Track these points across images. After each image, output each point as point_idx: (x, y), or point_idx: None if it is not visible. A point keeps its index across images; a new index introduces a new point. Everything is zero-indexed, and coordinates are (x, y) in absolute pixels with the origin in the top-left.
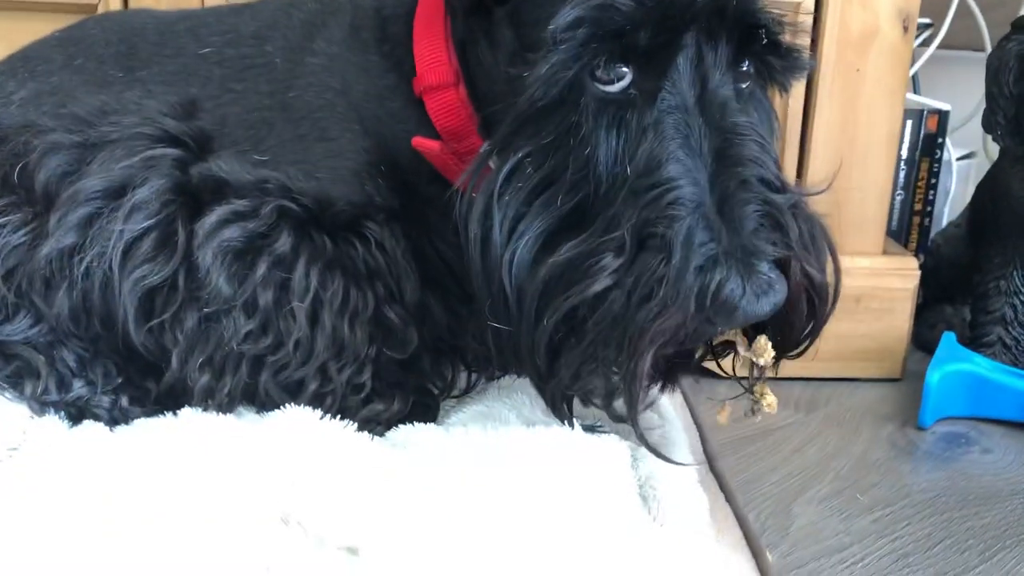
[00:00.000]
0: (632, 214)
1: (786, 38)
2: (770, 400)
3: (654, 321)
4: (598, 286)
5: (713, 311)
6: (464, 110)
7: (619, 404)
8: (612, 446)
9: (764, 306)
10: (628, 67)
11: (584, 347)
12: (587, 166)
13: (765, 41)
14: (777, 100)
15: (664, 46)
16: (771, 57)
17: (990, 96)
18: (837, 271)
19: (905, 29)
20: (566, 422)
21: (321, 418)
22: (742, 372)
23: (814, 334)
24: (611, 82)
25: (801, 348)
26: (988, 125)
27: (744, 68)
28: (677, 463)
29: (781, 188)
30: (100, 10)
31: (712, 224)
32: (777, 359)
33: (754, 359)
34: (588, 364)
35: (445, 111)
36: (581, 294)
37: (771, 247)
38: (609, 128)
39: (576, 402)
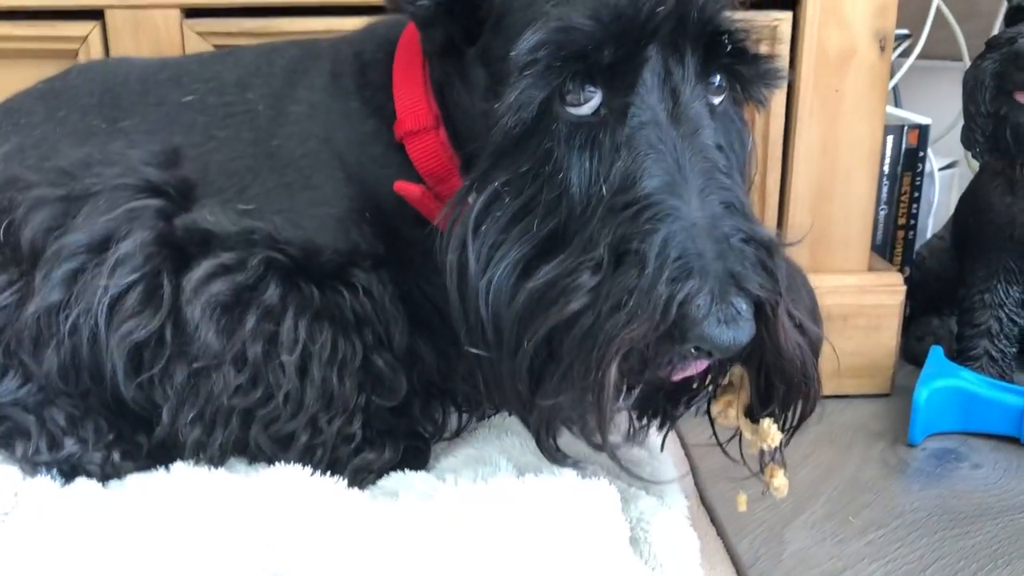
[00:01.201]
0: (609, 232)
1: (752, 45)
2: (778, 484)
3: (622, 330)
4: (575, 305)
5: (676, 323)
6: (445, 152)
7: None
8: (602, 490)
9: (725, 335)
10: (596, 88)
11: (563, 370)
12: (562, 189)
13: (730, 48)
14: (758, 121)
15: (628, 61)
16: (740, 67)
17: (968, 114)
18: (819, 321)
19: (882, 48)
20: (554, 459)
21: (312, 473)
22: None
23: (811, 398)
24: (581, 104)
25: (803, 410)
26: (967, 142)
27: (716, 83)
28: (661, 481)
29: (753, 219)
30: (81, 55)
31: (694, 240)
32: (779, 417)
33: (760, 443)
34: (567, 388)
35: (426, 155)
36: (558, 314)
37: (755, 286)
38: (582, 149)
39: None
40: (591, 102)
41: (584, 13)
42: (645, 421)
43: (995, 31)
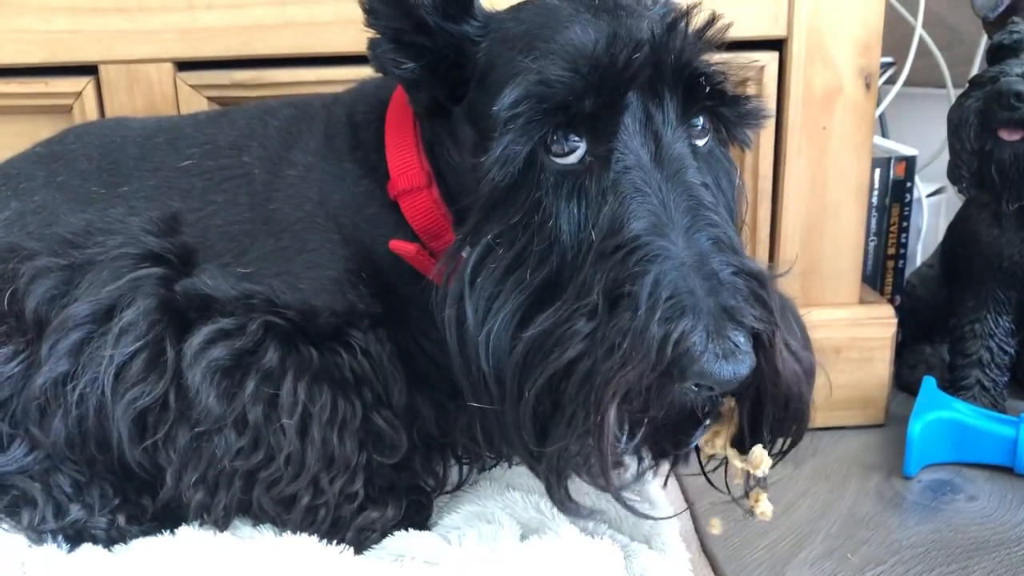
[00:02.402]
0: (601, 277)
1: (731, 86)
2: (763, 509)
3: (618, 373)
4: (571, 352)
5: (673, 362)
6: (438, 210)
7: (614, 480)
8: (605, 549)
9: (725, 370)
10: (580, 137)
11: (567, 418)
12: (552, 238)
13: (708, 90)
14: (748, 158)
15: (608, 109)
16: (722, 108)
17: (953, 151)
18: (811, 349)
19: (867, 86)
20: (565, 508)
21: (319, 538)
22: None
23: (803, 422)
24: (566, 155)
25: (795, 435)
26: (953, 177)
27: (699, 125)
28: (660, 517)
29: (742, 253)
30: (75, 110)
31: (685, 279)
32: (772, 446)
33: (751, 470)
34: (571, 434)
35: (420, 213)
36: (556, 362)
37: (751, 318)
38: (569, 197)
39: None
40: (576, 152)
41: (562, 66)
42: (652, 460)
43: (978, 59)
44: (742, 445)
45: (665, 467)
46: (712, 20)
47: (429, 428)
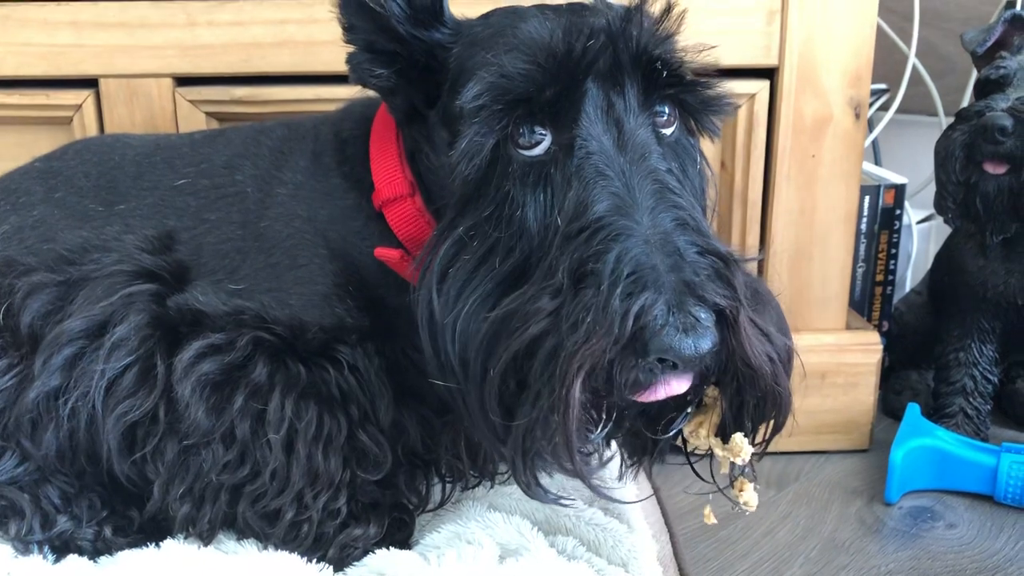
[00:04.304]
0: (567, 258)
1: (689, 72)
2: (747, 498)
3: (581, 347)
4: (535, 328)
5: (636, 336)
6: (422, 218)
7: (579, 461)
8: (582, 573)
9: (686, 343)
10: (545, 129)
11: (532, 396)
12: (520, 227)
13: (667, 75)
14: (737, 185)
15: (568, 97)
16: (685, 96)
17: (939, 182)
18: (787, 332)
19: (857, 116)
20: (533, 493)
21: (300, 555)
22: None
23: (783, 409)
24: (532, 147)
25: (776, 422)
26: (940, 208)
27: (664, 114)
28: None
29: (708, 234)
30: (75, 122)
31: (647, 255)
32: (752, 435)
33: (731, 458)
34: (536, 412)
35: (404, 221)
36: (520, 339)
37: (713, 294)
38: (535, 186)
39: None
40: (542, 144)
41: (522, 59)
42: (629, 457)
43: (969, 88)
44: (726, 436)
45: (643, 464)
46: (668, 8)
47: (414, 445)
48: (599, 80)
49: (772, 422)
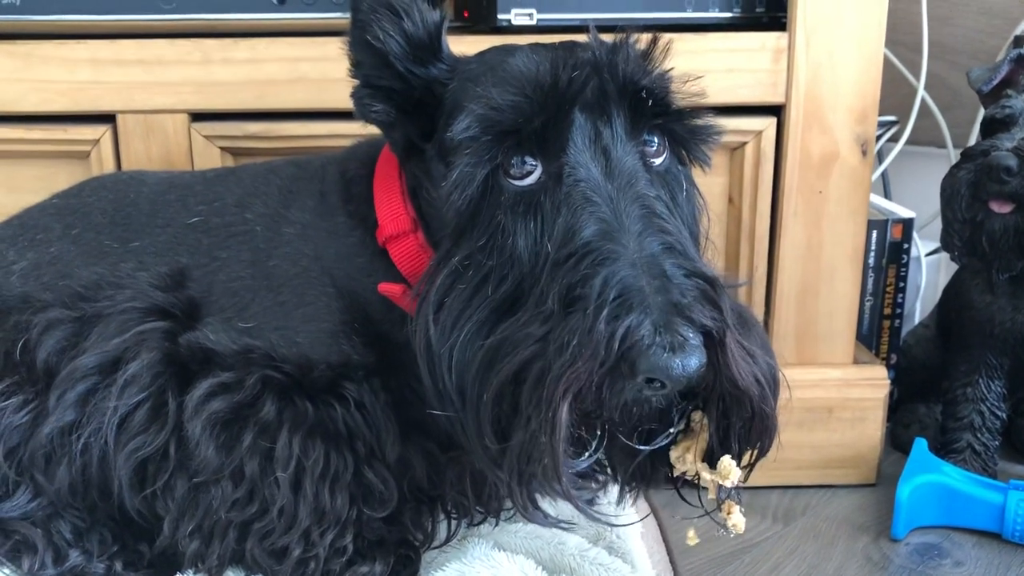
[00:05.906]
0: (556, 284)
1: (676, 100)
2: (735, 520)
3: (568, 369)
4: (525, 353)
5: (622, 357)
6: (424, 253)
7: (568, 483)
8: None
9: (673, 363)
10: (535, 159)
11: (524, 420)
12: (512, 255)
13: (653, 105)
14: (744, 220)
15: (555, 127)
16: (672, 125)
17: (945, 220)
18: (771, 354)
19: (864, 152)
20: (531, 516)
21: None
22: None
23: (769, 432)
24: (523, 177)
25: (762, 445)
26: (946, 245)
27: (652, 144)
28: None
29: (695, 259)
30: (92, 156)
31: (634, 278)
32: (739, 458)
33: (720, 481)
34: (527, 436)
35: (407, 256)
36: (509, 364)
37: (700, 315)
38: (526, 215)
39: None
40: (533, 174)
41: (510, 91)
42: (625, 482)
43: (978, 121)
44: (713, 460)
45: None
46: (655, 41)
47: (420, 481)
48: (586, 110)
49: (759, 446)
